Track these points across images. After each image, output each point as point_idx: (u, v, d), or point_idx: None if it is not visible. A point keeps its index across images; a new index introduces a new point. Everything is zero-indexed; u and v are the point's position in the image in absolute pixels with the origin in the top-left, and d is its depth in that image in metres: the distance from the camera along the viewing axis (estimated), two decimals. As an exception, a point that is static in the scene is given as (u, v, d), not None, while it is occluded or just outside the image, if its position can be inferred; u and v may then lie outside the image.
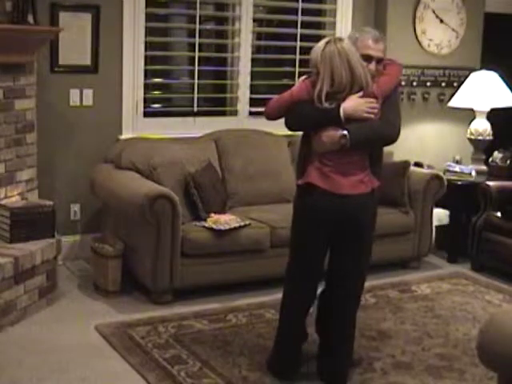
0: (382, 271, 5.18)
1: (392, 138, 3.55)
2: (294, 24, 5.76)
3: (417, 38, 6.10)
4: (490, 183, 5.48)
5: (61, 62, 5.01)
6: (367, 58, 3.47)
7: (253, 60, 5.67)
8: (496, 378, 2.68)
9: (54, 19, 4.89)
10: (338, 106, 3.32)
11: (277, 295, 3.88)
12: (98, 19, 5.06)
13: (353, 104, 3.33)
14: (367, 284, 4.83)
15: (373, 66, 3.48)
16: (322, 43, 3.37)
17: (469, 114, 6.07)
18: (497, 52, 6.36)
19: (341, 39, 3.38)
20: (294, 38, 5.76)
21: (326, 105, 3.31)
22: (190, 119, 5.55)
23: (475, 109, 6.01)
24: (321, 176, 3.37)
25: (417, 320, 4.43)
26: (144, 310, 4.39)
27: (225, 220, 4.63)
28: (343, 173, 3.37)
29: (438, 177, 5.41)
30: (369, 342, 4.04)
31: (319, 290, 3.65)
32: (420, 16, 6.07)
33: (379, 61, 3.53)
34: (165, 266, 4.42)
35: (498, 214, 5.36)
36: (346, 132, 3.32)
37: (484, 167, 5.94)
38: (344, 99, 3.33)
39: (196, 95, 5.52)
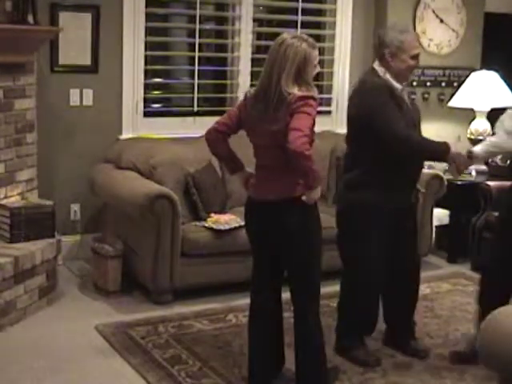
0: (382, 271, 5.17)
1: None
2: (294, 24, 5.76)
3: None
4: (490, 183, 5.46)
5: (61, 62, 5.02)
6: (416, 57, 3.65)
7: (253, 60, 5.66)
8: (496, 378, 2.68)
9: (54, 19, 4.90)
10: None
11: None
12: (98, 19, 5.06)
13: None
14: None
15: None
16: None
17: (469, 114, 6.07)
18: (497, 52, 6.35)
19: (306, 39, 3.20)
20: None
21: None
22: (190, 119, 5.55)
23: (475, 109, 6.01)
24: (253, 184, 3.32)
25: (417, 320, 4.42)
26: (144, 310, 4.39)
27: (225, 220, 4.62)
28: (267, 179, 3.25)
29: (438, 177, 5.40)
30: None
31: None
32: (420, 16, 6.06)
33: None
34: (165, 266, 4.42)
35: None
36: None
37: (484, 167, 5.93)
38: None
39: (196, 95, 5.52)
